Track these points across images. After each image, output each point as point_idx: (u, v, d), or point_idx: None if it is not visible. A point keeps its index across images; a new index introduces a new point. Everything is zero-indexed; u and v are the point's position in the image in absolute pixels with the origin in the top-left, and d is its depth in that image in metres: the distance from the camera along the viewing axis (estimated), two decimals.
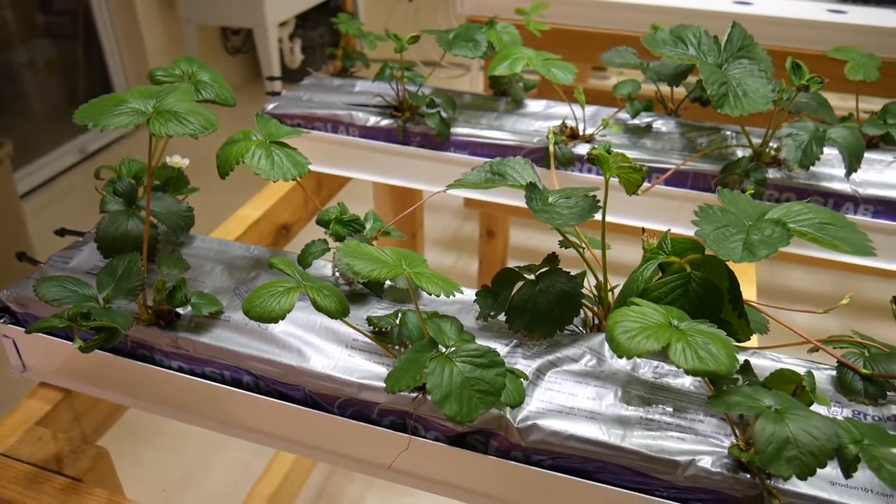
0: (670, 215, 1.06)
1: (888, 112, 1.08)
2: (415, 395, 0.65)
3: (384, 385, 0.60)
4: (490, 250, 2.24)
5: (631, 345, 0.51)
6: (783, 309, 0.76)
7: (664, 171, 1.04)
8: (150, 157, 0.72)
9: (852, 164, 0.93)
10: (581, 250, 0.73)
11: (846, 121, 1.07)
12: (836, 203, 1.01)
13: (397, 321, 0.68)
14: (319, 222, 0.77)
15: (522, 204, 0.72)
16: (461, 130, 1.14)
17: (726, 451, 0.60)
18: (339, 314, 0.59)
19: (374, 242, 0.79)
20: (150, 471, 1.83)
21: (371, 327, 0.70)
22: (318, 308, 0.58)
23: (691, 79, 1.13)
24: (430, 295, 0.56)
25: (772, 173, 1.02)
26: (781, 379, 0.59)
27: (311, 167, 1.24)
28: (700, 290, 0.59)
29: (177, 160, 0.88)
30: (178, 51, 3.55)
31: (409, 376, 0.54)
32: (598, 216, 0.67)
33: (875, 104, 1.15)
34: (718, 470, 0.59)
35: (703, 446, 0.61)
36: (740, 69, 0.97)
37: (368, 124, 1.17)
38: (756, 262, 1.01)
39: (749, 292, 0.97)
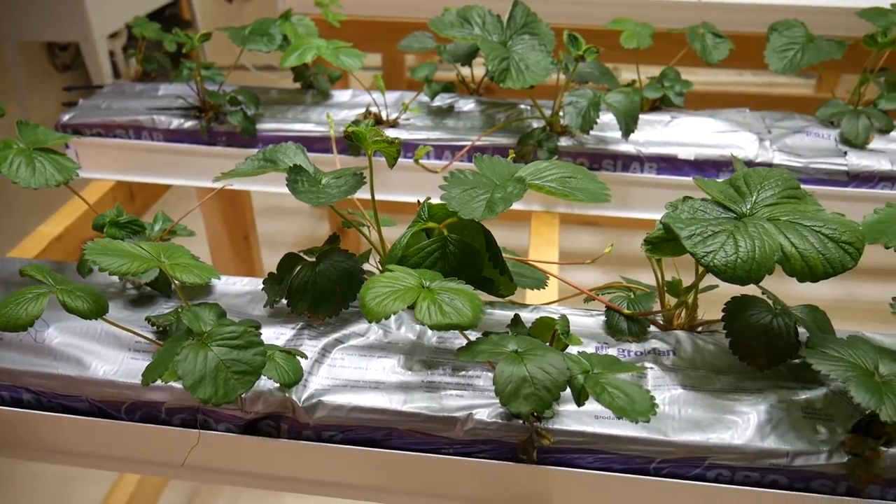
0: None
1: (665, 76, 1.16)
2: None
3: (164, 383, 0.59)
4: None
5: (379, 308, 0.53)
6: (562, 265, 0.81)
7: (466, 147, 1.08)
8: None
9: (628, 125, 1.00)
10: (364, 228, 0.75)
11: (629, 87, 1.15)
12: (624, 164, 1.08)
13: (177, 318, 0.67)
14: (95, 227, 0.74)
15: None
16: (268, 126, 1.14)
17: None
18: (93, 314, 0.58)
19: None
20: None
21: (153, 327, 0.69)
22: (69, 310, 0.57)
23: None
24: (186, 284, 0.56)
25: (563, 141, 1.07)
26: (542, 327, 0.62)
27: (117, 177, 1.21)
28: (457, 251, 0.62)
29: None
30: None
31: (163, 366, 0.54)
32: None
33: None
34: (494, 420, 0.62)
35: (479, 400, 0.64)
36: (522, 45, 1.01)
37: (172, 127, 1.15)
38: (556, 226, 1.05)
39: (550, 254, 1.02)
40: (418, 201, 0.75)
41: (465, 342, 0.70)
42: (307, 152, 0.76)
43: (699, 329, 0.73)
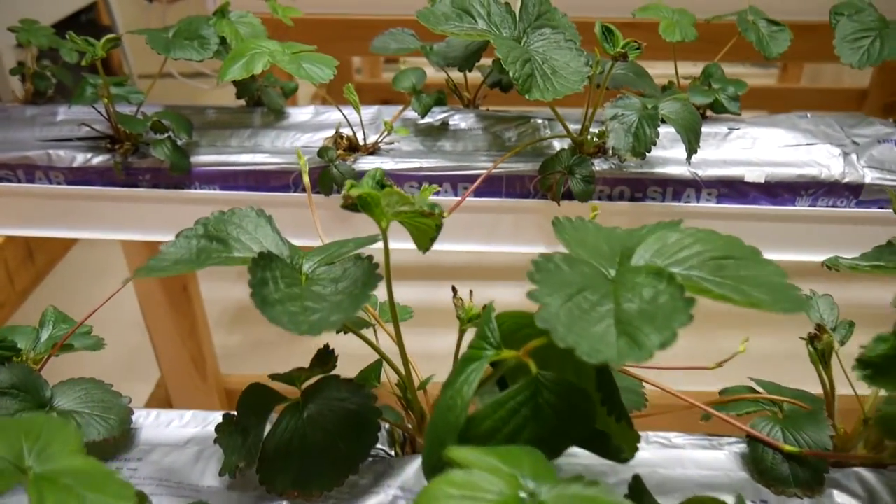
0: (485, 234, 0.84)
1: (711, 76, 0.92)
2: None
3: None
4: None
5: None
6: (655, 368, 0.56)
7: (471, 178, 0.82)
8: None
9: (692, 143, 0.75)
10: (368, 333, 0.49)
11: (669, 91, 0.91)
12: (675, 191, 0.84)
13: None
14: None
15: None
16: (205, 159, 0.86)
17: None
18: None
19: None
20: None
21: None
22: None
23: (485, 60, 0.92)
24: None
25: (598, 165, 0.82)
26: None
27: (7, 232, 0.91)
28: (555, 399, 0.36)
29: None
30: None
31: None
32: None
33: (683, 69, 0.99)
34: None
35: None
36: (543, 41, 0.76)
37: (76, 165, 0.86)
38: None
39: None
40: (453, 289, 0.48)
41: None
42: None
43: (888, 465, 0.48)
